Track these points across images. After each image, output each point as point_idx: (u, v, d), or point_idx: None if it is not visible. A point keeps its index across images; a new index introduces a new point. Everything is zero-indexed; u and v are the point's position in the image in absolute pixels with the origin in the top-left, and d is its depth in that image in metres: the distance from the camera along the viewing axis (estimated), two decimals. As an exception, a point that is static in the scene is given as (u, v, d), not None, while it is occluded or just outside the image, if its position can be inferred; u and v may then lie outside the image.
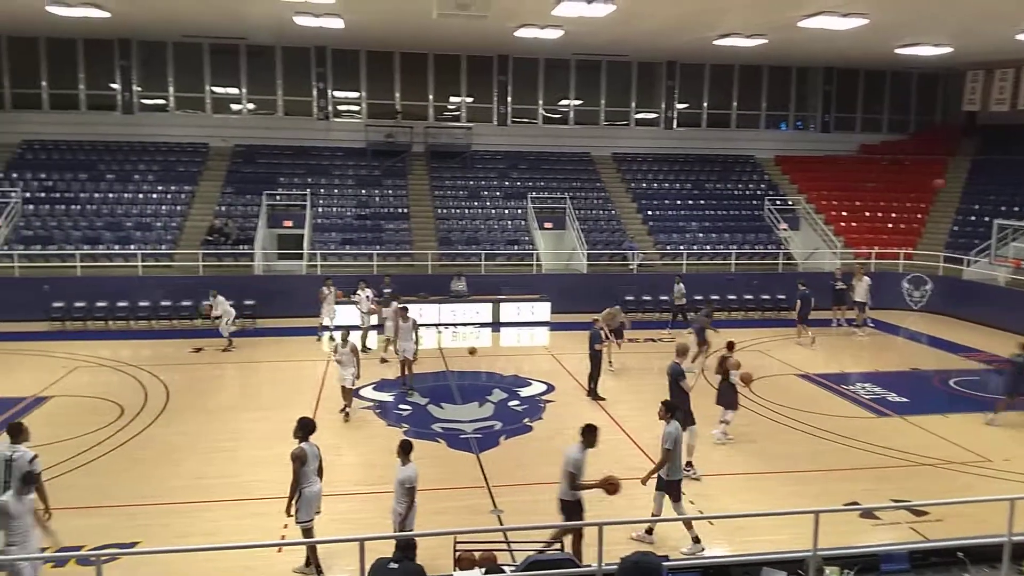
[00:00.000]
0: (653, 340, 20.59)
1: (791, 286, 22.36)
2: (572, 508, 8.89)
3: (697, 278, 24.33)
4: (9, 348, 18.70)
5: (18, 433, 8.68)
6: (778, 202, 28.06)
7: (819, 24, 20.24)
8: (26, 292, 21.12)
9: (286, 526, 9.83)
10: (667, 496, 9.63)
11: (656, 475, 9.65)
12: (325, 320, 20.11)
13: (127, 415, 14.15)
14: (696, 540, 9.35)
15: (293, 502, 8.77)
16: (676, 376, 11.97)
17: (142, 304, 21.39)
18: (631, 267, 24.79)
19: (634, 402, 15.41)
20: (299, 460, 8.70)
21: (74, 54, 26.81)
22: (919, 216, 28.38)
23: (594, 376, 15.65)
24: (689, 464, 11.61)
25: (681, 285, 21.97)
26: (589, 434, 9.06)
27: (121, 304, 21.31)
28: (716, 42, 24.02)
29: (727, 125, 31.34)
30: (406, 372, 16.12)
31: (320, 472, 9.01)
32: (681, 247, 25.74)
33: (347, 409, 14.21)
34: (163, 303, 21.59)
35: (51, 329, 20.62)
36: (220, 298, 19.41)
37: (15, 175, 24.98)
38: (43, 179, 25.18)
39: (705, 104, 31.13)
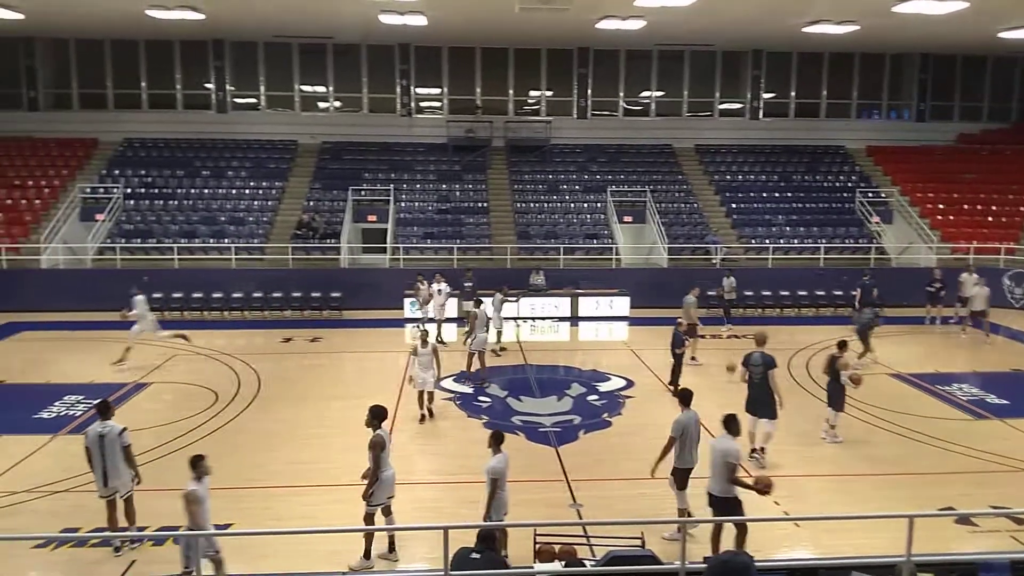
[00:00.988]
0: (737, 337, 20.19)
1: (884, 282, 21.57)
2: (732, 504, 8.53)
3: (784, 273, 23.76)
4: (113, 337, 19.76)
5: (106, 411, 9.45)
6: (870, 194, 27.06)
7: (915, 8, 19.42)
8: (128, 283, 22.22)
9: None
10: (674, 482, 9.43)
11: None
12: (430, 313, 20.26)
13: (221, 402, 14.79)
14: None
15: (368, 485, 8.96)
16: (768, 366, 11.78)
17: (235, 295, 22.29)
18: (714, 261, 24.36)
19: (718, 400, 15.15)
20: (379, 447, 8.92)
21: (171, 56, 28.09)
22: (1021, 209, 26.88)
23: (675, 378, 15.39)
24: (758, 451, 11.81)
25: (732, 279, 21.36)
26: (733, 423, 9.04)
27: (216, 295, 22.27)
28: (805, 29, 23.31)
29: (816, 115, 30.38)
30: (478, 364, 16.31)
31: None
32: (767, 241, 25.13)
33: (424, 413, 13.82)
34: (255, 294, 22.43)
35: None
36: (139, 298, 17.68)
37: (117, 172, 26.39)
38: (143, 176, 26.51)
39: (793, 93, 30.25)
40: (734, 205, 27.17)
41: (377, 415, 9.17)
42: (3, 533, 9.39)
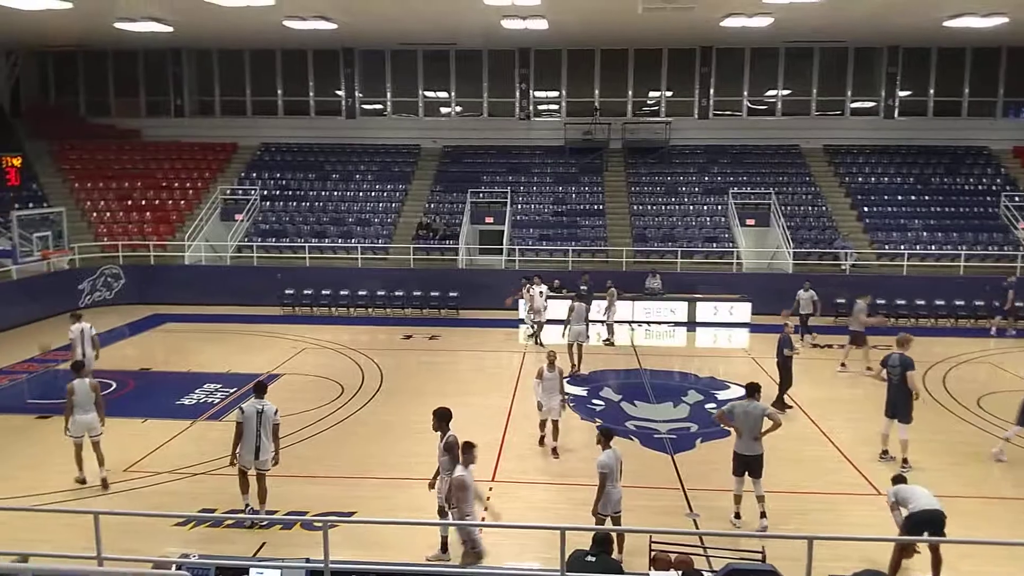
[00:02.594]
0: (819, 346, 19.24)
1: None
2: (760, 460, 9.78)
3: (920, 281, 22.43)
4: (248, 330, 21.00)
5: (262, 390, 10.17)
6: (1016, 198, 25.12)
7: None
8: (263, 280, 23.62)
9: (486, 508, 10.30)
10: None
11: None
12: (533, 316, 20.38)
13: (347, 394, 15.42)
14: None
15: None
16: (906, 368, 11.61)
17: (360, 293, 23.17)
18: (843, 267, 23.28)
19: (842, 412, 14.52)
20: (458, 446, 9.03)
21: (305, 64, 29.53)
22: None
23: (783, 385, 14.57)
24: (888, 456, 11.87)
25: (812, 292, 19.44)
26: (756, 391, 10.17)
27: (343, 293, 23.24)
28: (946, 23, 21.92)
29: (957, 114, 28.48)
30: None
31: None
32: (901, 247, 23.78)
33: (552, 445, 12.44)
34: (378, 293, 23.25)
35: (283, 313, 22.89)
36: (80, 326, 15.05)
37: (255, 175, 27.99)
38: (278, 178, 28.00)
39: (931, 91, 28.47)
40: (866, 208, 25.87)
41: (443, 417, 9.27)
42: (146, 510, 10.13)
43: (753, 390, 10.27)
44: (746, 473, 9.95)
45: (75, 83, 30.30)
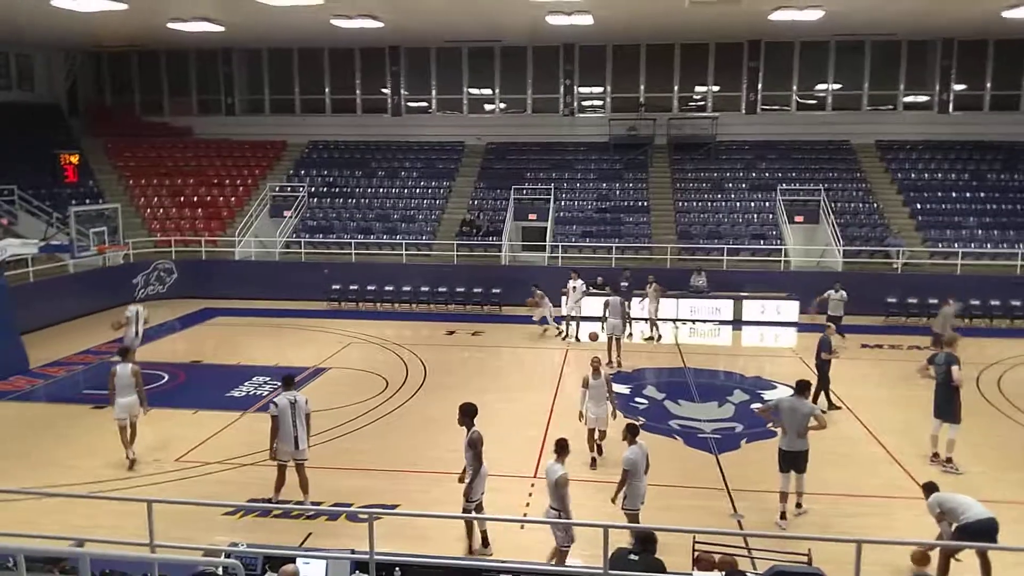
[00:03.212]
0: (918, 348, 18.77)
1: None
2: (806, 455, 9.97)
3: (974, 280, 21.79)
4: (296, 324, 21.36)
5: (291, 382, 10.56)
6: (1081, 195, 24.26)
7: None
8: (310, 275, 23.99)
9: (528, 504, 10.35)
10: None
11: None
12: (564, 310, 20.44)
13: (391, 388, 15.59)
14: None
15: (470, 482, 9.17)
16: (950, 364, 11.53)
17: (405, 289, 23.38)
18: (894, 266, 22.74)
19: (893, 413, 14.21)
20: (480, 443, 9.08)
21: (352, 63, 29.84)
22: None
23: (821, 387, 14.14)
24: (940, 459, 11.68)
25: (843, 292, 18.57)
26: (805, 389, 10.32)
27: (387, 288, 23.47)
28: (1005, 14, 21.23)
29: (1015, 108, 27.53)
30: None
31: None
32: (956, 244, 23.13)
33: (594, 455, 11.93)
34: (422, 288, 23.44)
35: (329, 308, 23.21)
36: (135, 307, 15.48)
37: (303, 172, 28.41)
38: (325, 175, 28.38)
39: (988, 85, 27.59)
40: (919, 205, 25.22)
41: (468, 412, 9.33)
42: (197, 499, 10.39)
43: (802, 388, 10.34)
44: (792, 470, 10.02)
45: (130, 83, 31.10)
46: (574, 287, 20.03)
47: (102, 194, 26.51)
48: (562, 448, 8.67)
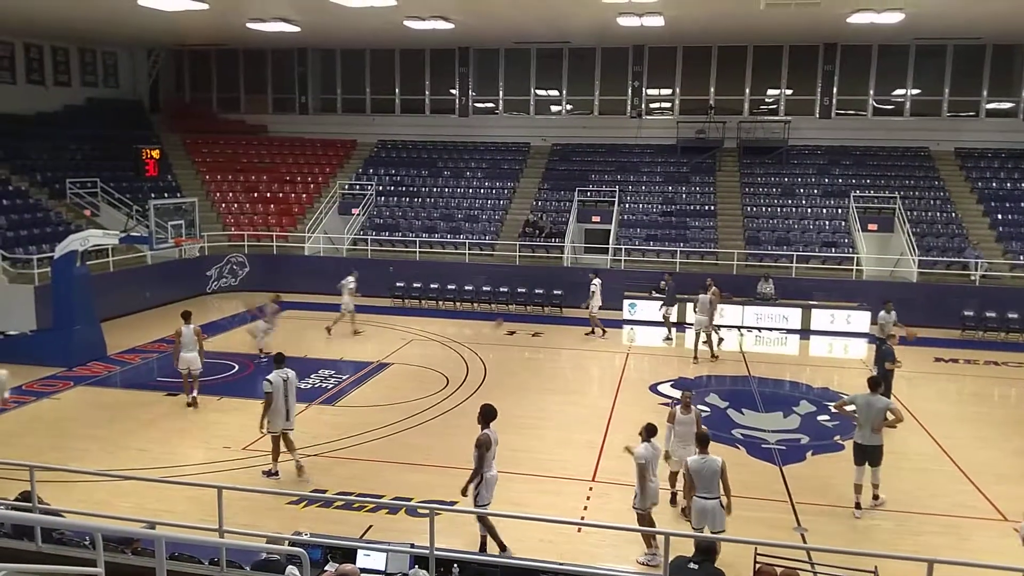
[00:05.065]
0: (995, 363, 18.03)
1: None
2: (881, 450, 10.22)
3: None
4: (360, 319, 21.69)
5: (282, 360, 11.53)
6: None
7: None
8: (375, 272, 24.33)
9: (585, 508, 10.32)
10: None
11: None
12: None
13: (452, 385, 15.74)
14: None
15: (473, 485, 9.12)
16: None
17: (467, 288, 23.55)
18: (972, 277, 21.88)
19: (967, 431, 13.69)
20: (484, 446, 9.06)
21: (422, 63, 30.22)
22: None
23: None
24: None
25: (892, 313, 16.94)
26: (877, 386, 10.49)
27: (450, 287, 23.68)
28: (1102, 16, 20.21)
29: (1107, 115, 26.22)
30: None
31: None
32: (1038, 258, 22.15)
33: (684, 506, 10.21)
34: (484, 288, 23.57)
35: (393, 305, 23.56)
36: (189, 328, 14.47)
37: (372, 171, 28.90)
38: (393, 175, 28.81)
39: (1080, 91, 26.31)
40: (999, 216, 24.20)
41: (487, 414, 9.35)
42: (263, 487, 10.67)
43: (876, 384, 10.77)
44: (866, 463, 10.37)
45: (208, 80, 32.13)
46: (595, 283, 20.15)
47: (180, 188, 27.47)
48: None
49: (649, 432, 9.26)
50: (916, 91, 27.45)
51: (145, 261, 22.67)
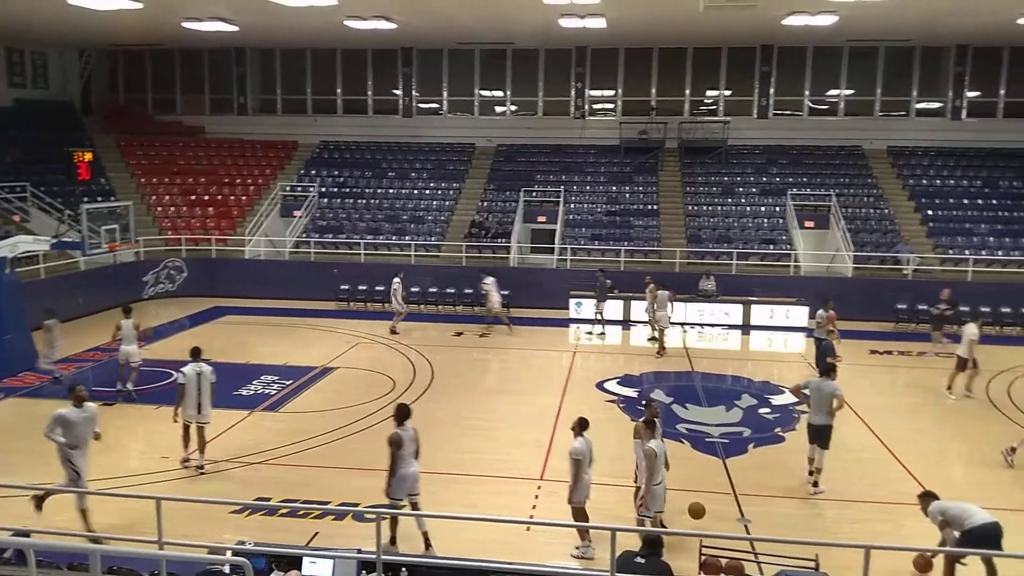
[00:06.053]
0: (924, 354, 18.69)
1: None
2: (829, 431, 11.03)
3: (985, 287, 21.68)
4: (304, 324, 21.42)
5: (199, 353, 11.73)
6: (1094, 203, 24.11)
7: None
8: (319, 275, 24.06)
9: (534, 507, 10.36)
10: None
11: None
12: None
13: (398, 389, 15.61)
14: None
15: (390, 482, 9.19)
16: None
17: (413, 290, 23.36)
18: (905, 272, 22.64)
19: (901, 421, 14.16)
20: (395, 444, 9.17)
21: (364, 64, 29.93)
22: None
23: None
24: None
25: (832, 313, 16.78)
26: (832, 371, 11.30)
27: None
28: (1021, 20, 21.11)
29: (1030, 115, 27.40)
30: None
31: (417, 454, 9.43)
32: (966, 252, 23.01)
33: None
34: (430, 289, 23.46)
35: (338, 308, 23.26)
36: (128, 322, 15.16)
37: (313, 172, 28.51)
38: (336, 176, 28.48)
39: (1002, 91, 27.44)
40: (930, 212, 25.11)
41: (400, 414, 9.49)
42: (205, 496, 10.43)
43: (827, 370, 11.49)
44: (816, 443, 11.03)
45: (143, 81, 31.27)
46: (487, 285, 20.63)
47: (114, 192, 26.66)
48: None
49: (582, 426, 9.35)
50: (849, 91, 28.30)
51: (78, 267, 21.95)
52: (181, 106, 31.07)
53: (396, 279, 20.76)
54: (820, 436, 11.02)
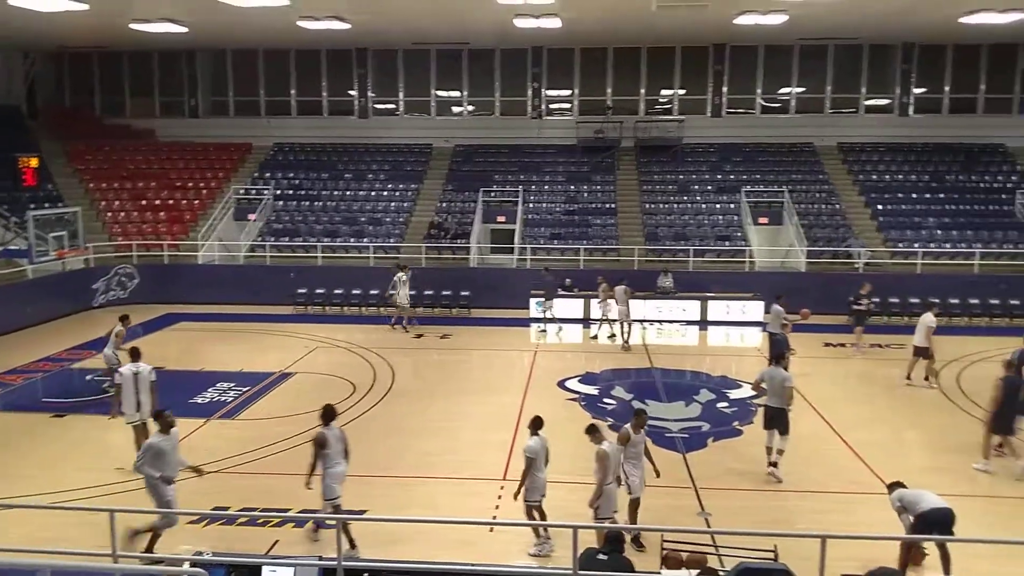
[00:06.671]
0: (880, 346, 19.12)
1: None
2: (785, 415, 11.47)
3: (934, 279, 22.27)
4: (261, 329, 21.11)
5: (138, 355, 11.86)
6: (1034, 196, 24.92)
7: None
8: (275, 279, 23.73)
9: (497, 506, 10.35)
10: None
11: None
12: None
13: (358, 393, 15.47)
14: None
15: (311, 478, 9.28)
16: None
17: (372, 292, 23.20)
18: (856, 266, 23.14)
19: (856, 412, 14.46)
20: (319, 444, 9.26)
21: (318, 64, 29.61)
22: None
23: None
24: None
25: (780, 308, 16.73)
26: (781, 359, 12.08)
27: (355, 292, 23.28)
28: (963, 20, 21.73)
29: (973, 111, 28.21)
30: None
31: (346, 454, 9.50)
32: (915, 245, 23.61)
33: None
34: (390, 292, 23.24)
35: (295, 312, 22.99)
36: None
37: (268, 175, 28.11)
38: (291, 178, 28.12)
39: (947, 88, 28.22)
40: (880, 207, 25.70)
41: (326, 414, 9.55)
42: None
43: (778, 358, 12.07)
44: (775, 429, 11.32)
45: (90, 84, 30.54)
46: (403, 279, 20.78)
47: (62, 198, 25.97)
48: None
49: (536, 425, 9.41)
50: (800, 89, 28.83)
51: (26, 276, 21.33)
52: (130, 109, 30.42)
53: (401, 273, 20.82)
54: (777, 420, 11.34)
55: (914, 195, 26.09)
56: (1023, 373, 12.18)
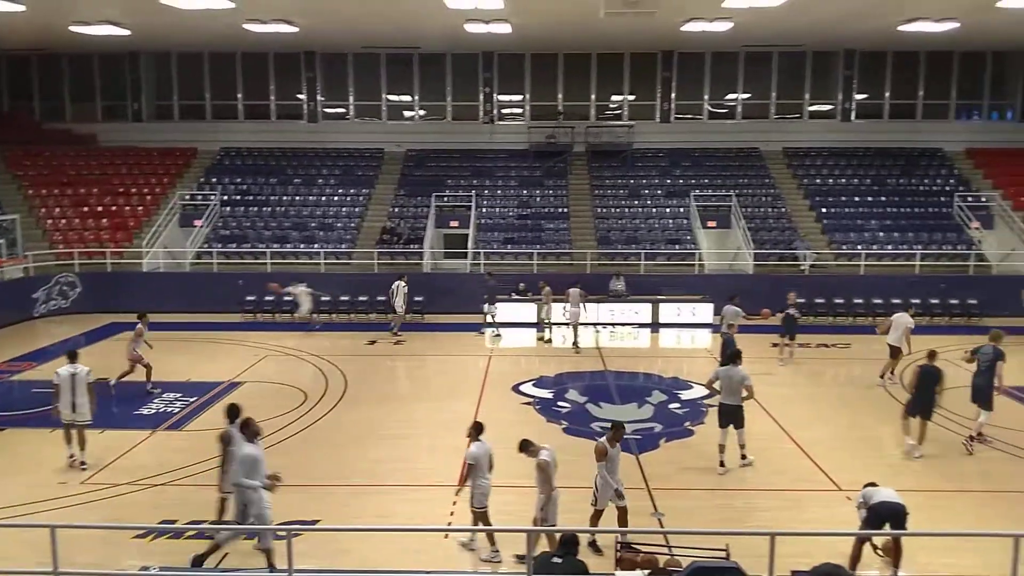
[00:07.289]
0: (825, 345, 19.56)
1: (984, 289, 20.51)
2: (741, 410, 11.88)
3: (877, 280, 22.91)
4: (208, 337, 20.67)
5: (75, 356, 12.09)
6: (969, 199, 25.79)
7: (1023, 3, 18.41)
8: (223, 286, 23.26)
9: (452, 513, 10.29)
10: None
11: None
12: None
13: (310, 401, 15.26)
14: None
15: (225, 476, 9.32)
16: (998, 358, 12.68)
17: (323, 299, 22.89)
18: (802, 268, 23.66)
19: (802, 410, 14.76)
20: (225, 441, 9.49)
21: (265, 68, 29.20)
22: None
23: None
24: (975, 437, 12.61)
25: (736, 308, 17.25)
26: (737, 358, 11.78)
27: (304, 298, 22.92)
28: (901, 28, 22.45)
29: (912, 116, 29.16)
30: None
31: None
32: (859, 247, 24.26)
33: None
34: (342, 298, 23.03)
35: (244, 320, 22.58)
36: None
37: (215, 180, 27.58)
38: (239, 183, 27.63)
39: (887, 94, 29.12)
40: (824, 210, 26.35)
41: (230, 413, 9.73)
42: (106, 522, 9.92)
43: (734, 357, 12.03)
44: (731, 425, 11.63)
45: (29, 87, 29.61)
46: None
47: (-1, 205, 25.13)
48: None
49: (477, 431, 9.44)
50: (746, 95, 29.42)
51: (-41, 285, 20.57)
52: (71, 113, 29.60)
53: (400, 282, 20.84)
54: (734, 417, 11.69)
55: (857, 198, 26.81)
56: (980, 367, 12.84)
